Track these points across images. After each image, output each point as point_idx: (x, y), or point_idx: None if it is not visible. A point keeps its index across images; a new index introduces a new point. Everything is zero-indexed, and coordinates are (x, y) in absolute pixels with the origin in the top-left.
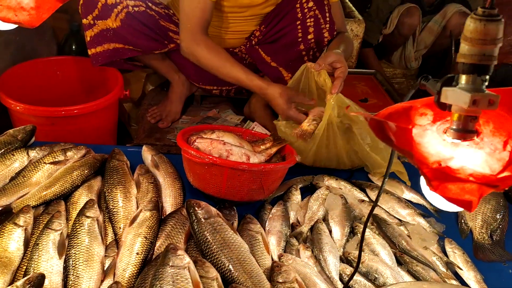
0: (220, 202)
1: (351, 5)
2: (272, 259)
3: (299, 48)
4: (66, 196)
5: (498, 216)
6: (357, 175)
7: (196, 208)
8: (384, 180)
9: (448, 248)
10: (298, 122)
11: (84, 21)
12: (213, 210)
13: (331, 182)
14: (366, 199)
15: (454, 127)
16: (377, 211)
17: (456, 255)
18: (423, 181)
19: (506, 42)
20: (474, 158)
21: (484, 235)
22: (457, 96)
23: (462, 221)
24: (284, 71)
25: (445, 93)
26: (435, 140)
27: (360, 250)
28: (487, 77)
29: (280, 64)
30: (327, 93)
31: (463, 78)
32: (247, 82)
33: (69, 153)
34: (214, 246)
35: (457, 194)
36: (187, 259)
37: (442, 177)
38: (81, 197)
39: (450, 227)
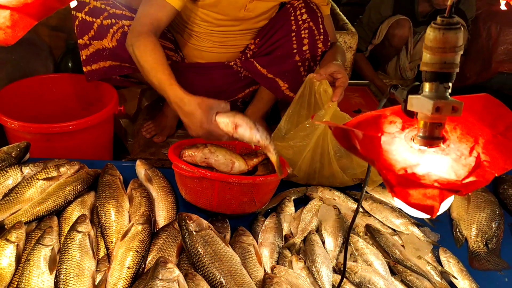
0: (213, 215)
1: (344, 17)
2: (265, 271)
3: (294, 59)
4: (59, 212)
5: (493, 225)
6: (353, 186)
7: (188, 221)
8: (363, 187)
9: (443, 257)
10: (219, 137)
11: (80, 41)
12: (205, 222)
13: (325, 193)
14: (360, 209)
15: (420, 134)
16: (371, 221)
17: (451, 264)
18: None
19: (500, 51)
20: (440, 164)
21: (480, 243)
22: (421, 103)
23: (457, 230)
24: (280, 81)
25: (411, 101)
26: (402, 147)
27: (345, 255)
28: (450, 84)
29: (276, 75)
30: (327, 102)
31: (427, 86)
32: (165, 87)
33: (62, 169)
34: (206, 259)
35: (419, 200)
36: (176, 272)
37: (405, 183)
38: (74, 213)
39: (445, 236)
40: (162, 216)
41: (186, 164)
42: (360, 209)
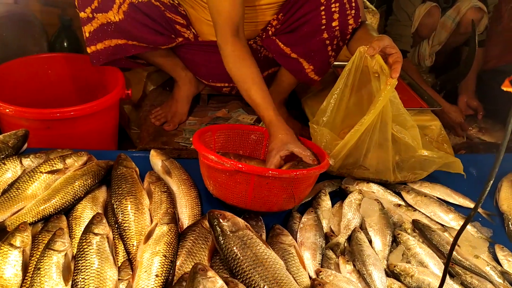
0: (244, 211)
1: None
2: (309, 276)
3: (322, 37)
4: (67, 211)
5: None
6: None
7: (221, 220)
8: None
9: (501, 255)
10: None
11: (82, 14)
12: (241, 221)
13: (362, 186)
14: (402, 203)
15: None
16: (416, 216)
17: (511, 263)
18: None
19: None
20: None
21: None
22: None
23: (510, 224)
24: (305, 63)
25: None
26: None
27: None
28: None
29: (300, 55)
30: (385, 79)
31: None
32: (261, 107)
33: (68, 161)
34: (246, 264)
35: None
36: (219, 282)
37: None
38: (85, 211)
39: (496, 231)
40: (186, 213)
41: (216, 155)
42: (402, 203)
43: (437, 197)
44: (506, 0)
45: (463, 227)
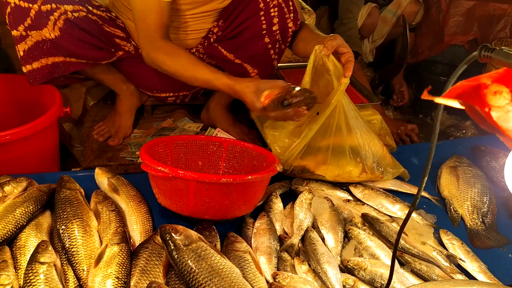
0: (197, 222)
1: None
2: (267, 280)
3: (264, 42)
4: (10, 241)
5: (485, 199)
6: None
7: (174, 234)
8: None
9: (445, 239)
10: (267, 114)
11: (14, 32)
12: (194, 234)
13: (312, 185)
14: (351, 198)
15: None
16: (365, 209)
17: (455, 246)
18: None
19: (451, 24)
20: None
21: (476, 220)
22: None
23: (451, 208)
24: (249, 67)
25: None
26: None
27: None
28: None
29: (244, 60)
30: (338, 78)
31: None
32: (214, 82)
33: (7, 188)
34: (202, 276)
35: None
36: None
37: None
38: (29, 239)
39: (440, 217)
40: (137, 230)
41: (156, 162)
42: (351, 198)
43: (388, 189)
44: None
45: (407, 217)
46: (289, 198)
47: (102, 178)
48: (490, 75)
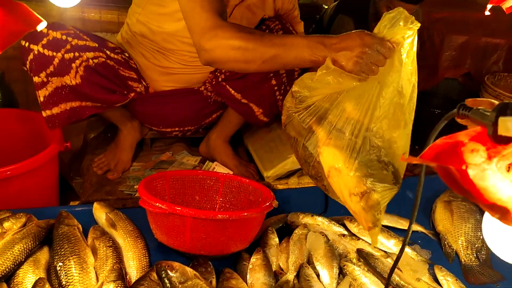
0: (193, 257)
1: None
2: None
3: (271, 83)
4: (8, 277)
5: (479, 234)
6: (331, 210)
7: (169, 272)
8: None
9: (440, 276)
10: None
11: (36, 79)
12: (189, 270)
13: (307, 220)
14: (346, 232)
15: None
16: (361, 244)
17: (450, 283)
18: (486, 223)
19: (445, 57)
20: None
21: (471, 256)
22: None
23: (446, 243)
24: (255, 107)
25: (506, 124)
26: (501, 183)
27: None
28: None
29: (250, 100)
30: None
31: None
32: (295, 49)
33: (6, 224)
34: None
35: None
36: None
37: None
38: (27, 276)
39: (434, 252)
40: (134, 266)
41: (153, 198)
42: (346, 233)
43: (384, 225)
44: (427, 27)
45: (400, 253)
46: (285, 232)
47: (100, 213)
48: (467, 133)
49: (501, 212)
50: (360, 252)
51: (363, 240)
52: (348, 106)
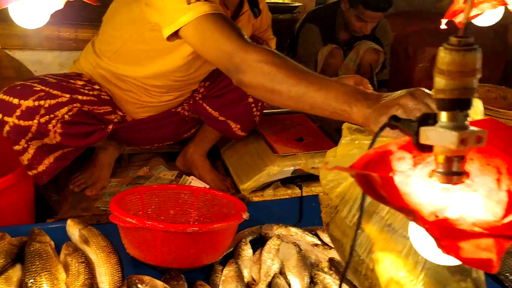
0: (166, 271)
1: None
2: None
3: (247, 101)
4: None
5: None
6: (306, 220)
7: (139, 285)
8: (357, 228)
9: None
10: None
11: (17, 147)
12: (159, 284)
13: (281, 231)
14: (319, 242)
15: (441, 170)
16: (333, 254)
17: None
18: (412, 232)
19: (418, 69)
20: (471, 203)
21: None
22: (441, 136)
23: None
24: (232, 123)
25: (426, 133)
26: (422, 188)
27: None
28: (469, 112)
29: (228, 117)
30: None
31: (444, 116)
32: (329, 99)
33: None
34: None
35: (473, 253)
36: None
37: (453, 234)
38: None
39: None
40: (106, 281)
41: (124, 213)
42: (319, 242)
43: None
44: (400, 41)
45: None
46: (259, 244)
47: (73, 229)
48: (397, 142)
49: (411, 214)
50: (331, 261)
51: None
52: None
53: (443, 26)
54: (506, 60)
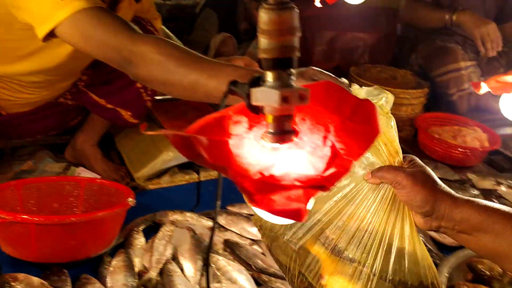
0: (48, 267)
1: (169, 33)
2: None
3: (135, 87)
4: None
5: None
6: (203, 205)
7: (13, 283)
8: (217, 200)
9: None
10: None
11: None
12: (35, 280)
13: (176, 217)
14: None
15: (270, 130)
16: (228, 235)
17: None
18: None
19: (317, 52)
20: (297, 160)
21: None
22: (266, 95)
23: None
24: (122, 111)
25: (254, 94)
26: (254, 149)
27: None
28: (293, 70)
29: (117, 105)
30: None
31: (269, 75)
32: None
33: None
34: None
35: (284, 205)
36: None
37: (265, 188)
38: None
39: None
40: None
41: None
42: (217, 226)
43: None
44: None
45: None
46: (154, 232)
47: None
48: (235, 107)
49: (223, 170)
50: (226, 242)
51: (231, 230)
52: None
53: (318, 4)
54: (395, 43)
